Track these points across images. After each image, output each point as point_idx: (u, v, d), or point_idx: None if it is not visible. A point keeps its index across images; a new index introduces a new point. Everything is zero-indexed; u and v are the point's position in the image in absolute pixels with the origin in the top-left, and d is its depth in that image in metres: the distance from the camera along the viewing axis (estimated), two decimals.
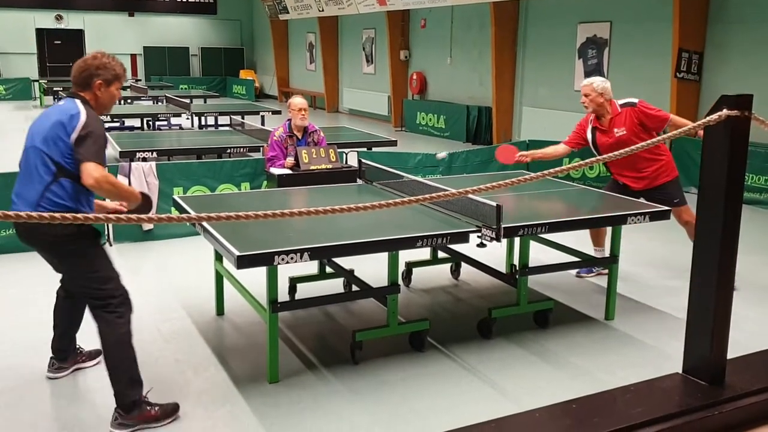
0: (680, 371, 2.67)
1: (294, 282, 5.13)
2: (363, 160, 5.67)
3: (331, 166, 6.54)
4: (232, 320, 4.82)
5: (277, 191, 5.79)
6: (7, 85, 22.38)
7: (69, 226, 3.28)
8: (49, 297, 5.04)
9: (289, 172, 6.46)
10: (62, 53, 24.60)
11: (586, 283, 5.63)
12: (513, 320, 4.69)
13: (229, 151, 8.84)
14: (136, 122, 13.08)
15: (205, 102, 16.48)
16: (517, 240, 4.89)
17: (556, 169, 2.70)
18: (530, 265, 4.63)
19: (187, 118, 13.88)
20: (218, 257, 4.74)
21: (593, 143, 5.47)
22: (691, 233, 5.42)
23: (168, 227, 6.72)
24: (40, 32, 24.14)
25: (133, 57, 25.19)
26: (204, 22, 26.37)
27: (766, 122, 2.80)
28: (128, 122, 12.94)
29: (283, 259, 3.52)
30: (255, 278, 4.24)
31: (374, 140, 9.54)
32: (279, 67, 23.92)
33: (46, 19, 24.11)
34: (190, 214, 4.36)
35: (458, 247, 4.94)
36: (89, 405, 3.65)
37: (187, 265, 5.97)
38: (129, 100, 15.38)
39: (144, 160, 7.67)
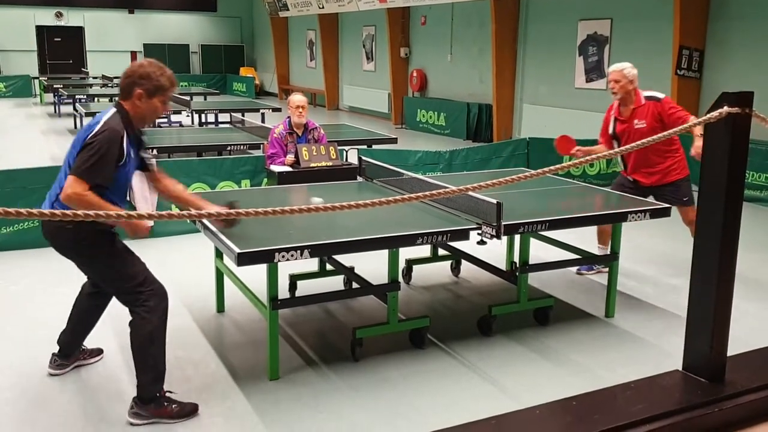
0: (680, 368, 2.67)
1: (294, 279, 5.13)
2: (363, 158, 5.67)
3: (331, 164, 6.54)
4: (233, 317, 4.82)
5: (278, 188, 5.79)
6: (7, 83, 22.38)
7: (82, 231, 3.30)
8: (49, 295, 5.07)
9: (290, 169, 6.46)
10: (62, 50, 24.63)
11: (587, 281, 5.64)
12: (513, 317, 4.70)
13: (229, 149, 8.84)
14: None
15: (206, 99, 16.48)
16: (518, 237, 4.89)
17: (557, 166, 2.69)
18: (530, 263, 4.63)
19: (188, 116, 13.89)
20: (219, 254, 4.74)
21: (614, 132, 5.47)
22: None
23: (168, 224, 6.73)
24: (40, 29, 24.14)
25: (133, 54, 25.18)
26: (204, 20, 26.37)
27: (767, 119, 2.79)
28: None
29: (283, 257, 3.52)
30: (255, 275, 4.25)
31: (374, 137, 9.54)
32: (279, 65, 23.91)
33: (46, 16, 24.11)
34: (190, 211, 4.36)
35: (458, 245, 4.94)
36: (91, 402, 3.65)
37: (187, 263, 5.97)
38: None
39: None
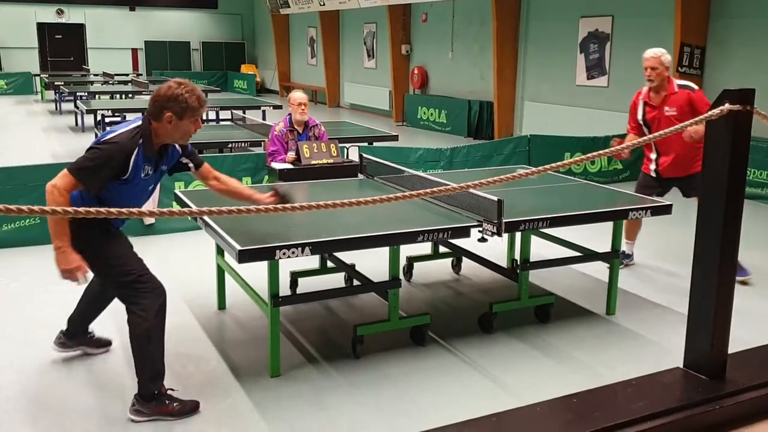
0: (681, 366, 2.67)
1: (295, 276, 5.13)
2: (364, 155, 5.67)
3: (332, 161, 6.54)
4: (234, 314, 4.82)
5: (279, 186, 5.79)
6: (8, 80, 22.38)
7: (72, 226, 3.31)
8: (49, 292, 5.07)
9: (291, 166, 6.46)
10: (63, 47, 24.61)
11: (587, 278, 5.64)
12: (514, 315, 4.70)
13: (230, 146, 8.84)
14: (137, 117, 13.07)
15: (206, 96, 16.44)
16: (519, 235, 4.89)
17: (558, 163, 2.69)
18: (531, 260, 4.63)
19: None
20: (220, 251, 4.74)
21: (643, 119, 5.43)
22: None
23: (169, 222, 6.73)
24: (41, 26, 24.14)
25: (134, 51, 25.19)
26: (205, 17, 26.35)
27: None
28: (129, 117, 12.90)
29: (284, 254, 3.52)
30: (256, 272, 4.25)
31: (375, 135, 9.54)
32: (280, 62, 23.89)
33: (47, 14, 24.10)
34: (191, 208, 4.35)
35: (459, 242, 4.94)
36: (92, 399, 3.65)
37: (188, 260, 5.98)
38: (130, 95, 15.38)
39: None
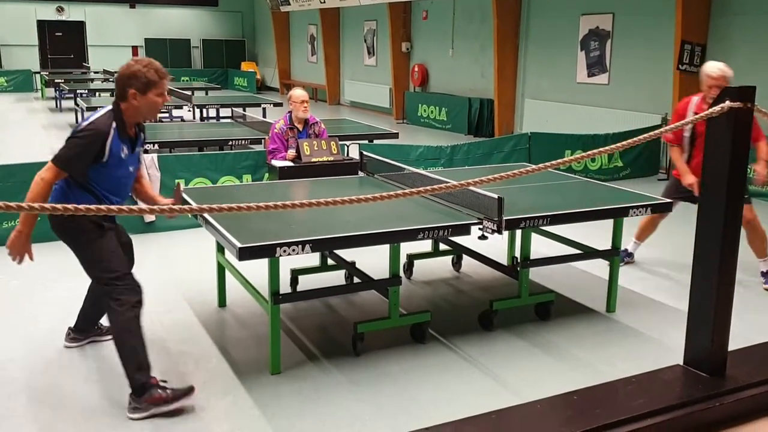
0: (681, 363, 2.67)
1: (296, 274, 5.14)
2: (364, 152, 5.67)
3: (332, 159, 6.54)
4: (234, 312, 4.83)
5: (279, 183, 5.79)
6: (8, 77, 22.38)
7: (60, 217, 3.41)
8: (50, 290, 5.07)
9: (291, 164, 6.47)
10: (63, 45, 24.60)
11: (588, 276, 5.64)
12: (514, 312, 4.70)
13: (230, 144, 8.84)
14: None
15: (207, 94, 16.46)
16: (519, 232, 4.89)
17: (558, 161, 2.69)
18: (531, 258, 4.63)
19: (189, 110, 13.87)
20: (220, 249, 4.75)
21: (693, 131, 5.27)
22: (751, 234, 5.29)
23: (170, 219, 6.73)
24: (41, 24, 24.12)
25: (135, 49, 25.16)
26: (205, 14, 26.33)
27: None
28: None
29: (284, 251, 3.52)
30: (257, 270, 4.25)
31: (376, 132, 9.54)
32: (280, 59, 23.88)
33: (47, 11, 24.08)
34: (191, 205, 4.36)
35: (460, 240, 4.94)
36: (93, 396, 3.65)
37: (189, 257, 5.98)
38: None
39: (145, 152, 7.66)
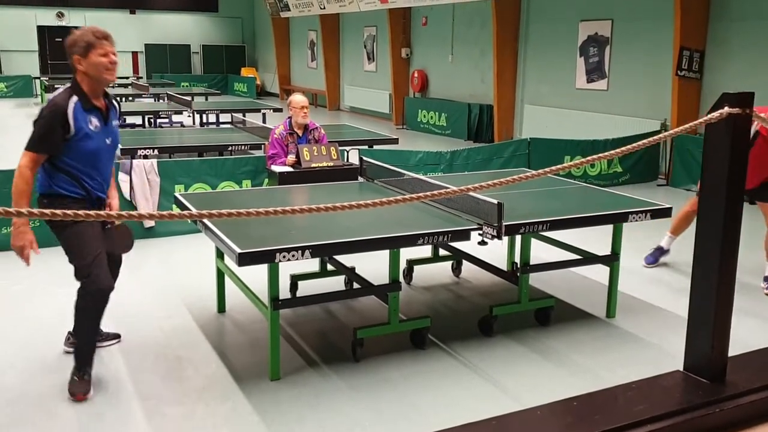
0: (681, 369, 2.67)
1: (295, 279, 5.13)
2: (364, 158, 5.67)
3: (332, 164, 6.54)
4: (234, 317, 4.82)
5: (279, 189, 5.79)
6: (8, 83, 22.41)
7: (47, 199, 3.57)
8: (51, 295, 5.07)
9: (291, 169, 6.47)
10: (63, 51, 24.58)
11: (588, 281, 5.64)
12: (514, 318, 4.70)
13: (230, 149, 8.85)
14: (138, 120, 13.09)
15: (207, 99, 16.48)
16: (519, 238, 4.89)
17: (558, 166, 2.69)
18: (531, 263, 4.63)
19: (189, 116, 13.89)
20: (220, 254, 4.74)
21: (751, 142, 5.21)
22: None
23: (169, 224, 6.74)
24: (41, 29, 24.16)
25: (135, 54, 25.20)
26: (205, 20, 26.38)
27: (767, 120, 2.79)
28: (130, 120, 12.95)
29: (284, 257, 3.52)
30: (256, 275, 4.25)
31: (375, 138, 9.54)
32: (280, 65, 23.92)
33: (48, 17, 24.13)
34: (191, 211, 4.36)
35: (459, 245, 4.94)
36: (90, 405, 3.65)
37: (188, 263, 5.98)
38: (130, 98, 15.38)
39: (145, 157, 7.68)
